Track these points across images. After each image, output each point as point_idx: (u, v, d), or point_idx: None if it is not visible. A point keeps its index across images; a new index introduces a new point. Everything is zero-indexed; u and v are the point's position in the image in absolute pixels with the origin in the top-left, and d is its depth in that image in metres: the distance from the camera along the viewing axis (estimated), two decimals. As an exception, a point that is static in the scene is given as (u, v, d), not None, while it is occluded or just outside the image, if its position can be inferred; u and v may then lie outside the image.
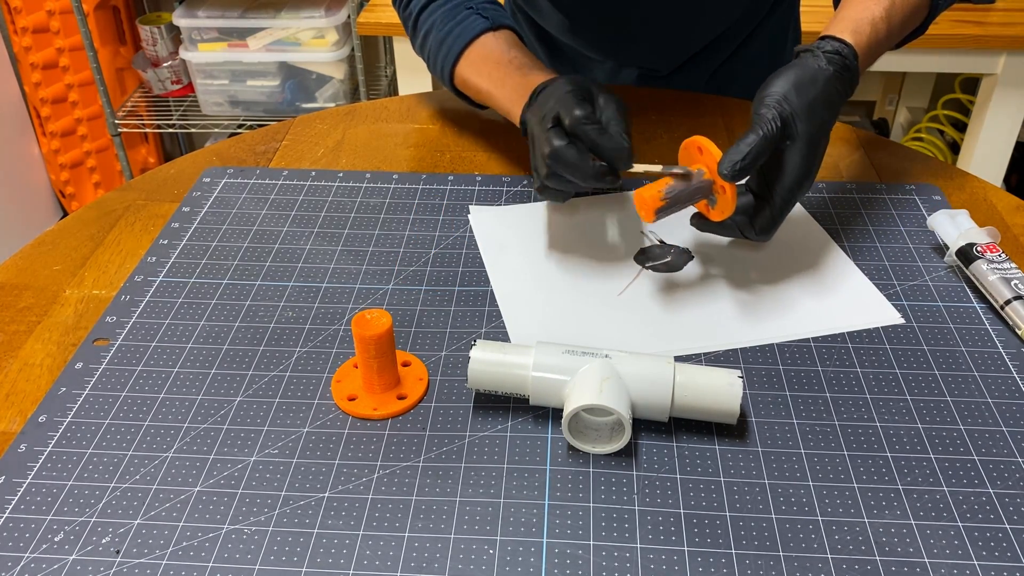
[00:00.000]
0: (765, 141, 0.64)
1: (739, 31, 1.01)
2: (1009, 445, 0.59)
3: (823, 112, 0.67)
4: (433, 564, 0.51)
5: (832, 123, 0.69)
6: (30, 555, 0.52)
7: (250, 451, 0.58)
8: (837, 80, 0.69)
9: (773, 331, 0.67)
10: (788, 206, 0.68)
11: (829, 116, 0.68)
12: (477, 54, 0.85)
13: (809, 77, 0.67)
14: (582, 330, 0.68)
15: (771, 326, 0.68)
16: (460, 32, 0.86)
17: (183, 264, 0.75)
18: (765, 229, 0.68)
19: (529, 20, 1.07)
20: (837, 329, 0.68)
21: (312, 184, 0.86)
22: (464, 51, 0.86)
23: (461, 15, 0.87)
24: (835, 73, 0.68)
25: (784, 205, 0.67)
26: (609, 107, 0.70)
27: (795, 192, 0.67)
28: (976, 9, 1.86)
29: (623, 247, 0.76)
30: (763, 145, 0.64)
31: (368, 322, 0.60)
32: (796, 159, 0.66)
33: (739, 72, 1.04)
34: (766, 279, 0.73)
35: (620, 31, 0.98)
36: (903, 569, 0.51)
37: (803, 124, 0.66)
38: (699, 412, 0.59)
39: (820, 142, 0.67)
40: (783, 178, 0.67)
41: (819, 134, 0.67)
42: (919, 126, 2.28)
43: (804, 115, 0.66)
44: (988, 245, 0.71)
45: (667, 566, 0.51)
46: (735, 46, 1.03)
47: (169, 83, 2.25)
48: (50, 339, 0.68)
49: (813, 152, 0.67)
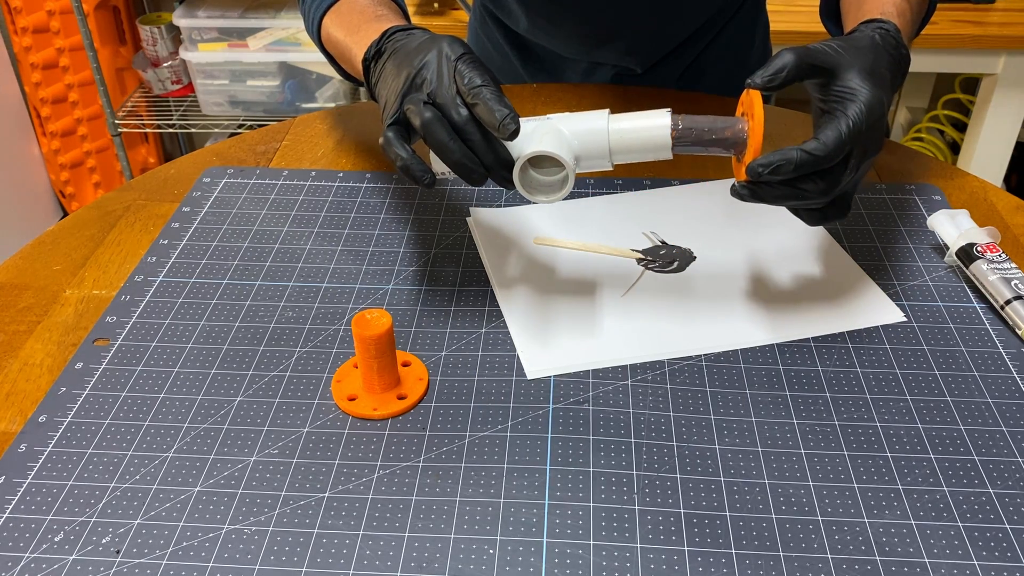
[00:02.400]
0: (799, 58, 0.60)
1: (711, 27, 1.02)
2: (1009, 445, 0.59)
3: (877, 60, 0.63)
4: (433, 564, 0.51)
5: (890, 82, 0.64)
6: (30, 555, 0.52)
7: (250, 451, 0.58)
8: (884, 44, 0.65)
9: (776, 331, 0.67)
10: (859, 127, 0.60)
11: (885, 68, 0.64)
12: (346, 7, 0.78)
13: (853, 39, 0.65)
14: (585, 331, 0.68)
15: (774, 326, 0.68)
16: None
17: (183, 264, 0.75)
18: (829, 143, 0.59)
19: (498, 23, 1.07)
20: (840, 328, 0.68)
21: (312, 184, 0.86)
22: (331, 7, 0.79)
23: None
24: (881, 39, 0.66)
25: (857, 121, 0.59)
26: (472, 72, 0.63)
27: (868, 116, 0.60)
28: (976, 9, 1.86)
29: (625, 248, 0.76)
30: (798, 62, 0.60)
31: (368, 322, 0.60)
32: (857, 81, 0.61)
33: (708, 69, 1.05)
34: (768, 279, 0.73)
35: (597, 30, 0.98)
36: (903, 569, 0.51)
37: (856, 58, 0.62)
38: (636, 152, 0.63)
39: (883, 76, 0.63)
40: (854, 96, 0.61)
41: (878, 71, 0.63)
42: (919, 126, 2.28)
43: (855, 54, 0.62)
44: (988, 245, 0.71)
45: (667, 566, 0.51)
46: (706, 43, 1.03)
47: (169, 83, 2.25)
48: (50, 339, 0.68)
49: (875, 79, 0.62)
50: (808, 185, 0.60)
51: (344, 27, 0.77)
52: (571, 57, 1.04)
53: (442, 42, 0.64)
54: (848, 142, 0.59)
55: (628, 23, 0.97)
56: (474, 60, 0.63)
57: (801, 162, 0.58)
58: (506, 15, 1.03)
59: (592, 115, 0.63)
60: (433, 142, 0.61)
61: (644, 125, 0.62)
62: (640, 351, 0.66)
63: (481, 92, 0.60)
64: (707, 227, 0.79)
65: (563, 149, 0.62)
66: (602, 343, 0.66)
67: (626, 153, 0.63)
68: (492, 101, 0.60)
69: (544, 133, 0.62)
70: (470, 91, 0.60)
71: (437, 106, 0.62)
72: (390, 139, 0.63)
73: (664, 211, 0.81)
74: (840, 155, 0.59)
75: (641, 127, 0.63)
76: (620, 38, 0.98)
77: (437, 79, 0.62)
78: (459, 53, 0.63)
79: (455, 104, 0.61)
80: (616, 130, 0.62)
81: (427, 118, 0.61)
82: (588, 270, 0.74)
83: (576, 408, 0.61)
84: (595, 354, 0.65)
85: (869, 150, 0.61)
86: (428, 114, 0.61)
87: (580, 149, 0.63)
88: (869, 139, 0.60)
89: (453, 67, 0.62)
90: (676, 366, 0.65)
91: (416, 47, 0.66)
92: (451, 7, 1.92)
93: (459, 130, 0.61)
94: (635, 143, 0.63)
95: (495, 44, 1.09)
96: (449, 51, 0.63)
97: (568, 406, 0.61)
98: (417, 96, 0.63)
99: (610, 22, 0.97)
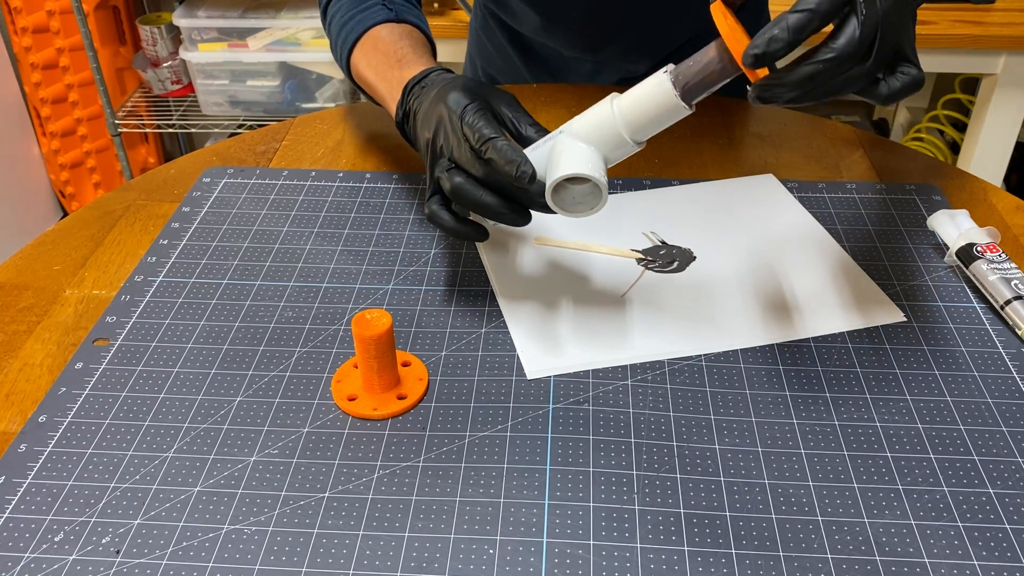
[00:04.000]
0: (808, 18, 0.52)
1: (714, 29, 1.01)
2: (1009, 445, 0.58)
3: None
4: (433, 564, 0.51)
5: None
6: (30, 555, 0.52)
7: (250, 451, 0.58)
8: None
9: (776, 331, 0.67)
10: (873, 25, 0.51)
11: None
12: (370, 44, 0.82)
13: None
14: (585, 331, 0.68)
15: (774, 326, 0.68)
16: (360, 20, 0.84)
17: (183, 264, 0.75)
18: (847, 46, 0.51)
19: (501, 24, 1.06)
20: (840, 328, 0.68)
21: (312, 184, 0.86)
22: (359, 40, 0.83)
23: (367, 4, 0.85)
24: None
25: (870, 19, 0.51)
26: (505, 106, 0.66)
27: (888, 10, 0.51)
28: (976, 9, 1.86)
29: (626, 248, 0.76)
30: (803, 24, 0.52)
31: (368, 322, 0.60)
32: None
33: None
34: (768, 279, 0.73)
35: (602, 30, 0.98)
36: (903, 569, 0.51)
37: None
38: (655, 123, 0.60)
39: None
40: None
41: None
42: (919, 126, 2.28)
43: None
44: (988, 245, 0.71)
45: (667, 566, 0.51)
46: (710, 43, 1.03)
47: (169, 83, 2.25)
48: (50, 339, 0.68)
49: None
50: (823, 51, 0.52)
51: (372, 70, 0.81)
52: (575, 57, 1.04)
53: (446, 97, 0.66)
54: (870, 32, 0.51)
55: (633, 22, 0.97)
56: (477, 109, 0.64)
57: (795, 24, 0.51)
58: (510, 16, 1.03)
59: (597, 108, 0.62)
60: (467, 205, 0.64)
61: (646, 93, 0.60)
62: (640, 351, 0.66)
63: (490, 146, 0.62)
64: (707, 227, 0.79)
65: (584, 163, 0.60)
66: (602, 343, 0.66)
67: (645, 127, 0.60)
68: (503, 153, 0.61)
69: (560, 152, 0.61)
70: (480, 147, 0.62)
71: (460, 167, 0.64)
72: (435, 212, 0.66)
73: (664, 211, 0.81)
74: (843, 4, 0.51)
75: (643, 94, 0.60)
76: (625, 38, 0.98)
77: (451, 141, 0.65)
78: (462, 106, 0.65)
79: (473, 163, 0.63)
80: (622, 111, 0.60)
81: (455, 183, 0.64)
82: (588, 270, 0.74)
83: (576, 408, 0.61)
84: (595, 354, 0.65)
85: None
86: (456, 179, 0.64)
87: (601, 147, 0.61)
88: None
89: (460, 123, 0.64)
90: (676, 366, 0.65)
91: (428, 109, 0.68)
92: (451, 7, 1.92)
93: (486, 184, 0.63)
94: (647, 116, 0.60)
95: (497, 45, 1.09)
96: (454, 106, 0.65)
97: (568, 406, 0.61)
98: (442, 164, 0.65)
99: (615, 21, 0.97)
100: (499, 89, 0.68)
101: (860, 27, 0.51)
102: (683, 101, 0.59)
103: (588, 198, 0.62)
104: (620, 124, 0.60)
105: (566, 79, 1.07)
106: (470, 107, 0.64)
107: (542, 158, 0.62)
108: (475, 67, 1.14)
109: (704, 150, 0.92)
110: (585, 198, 0.62)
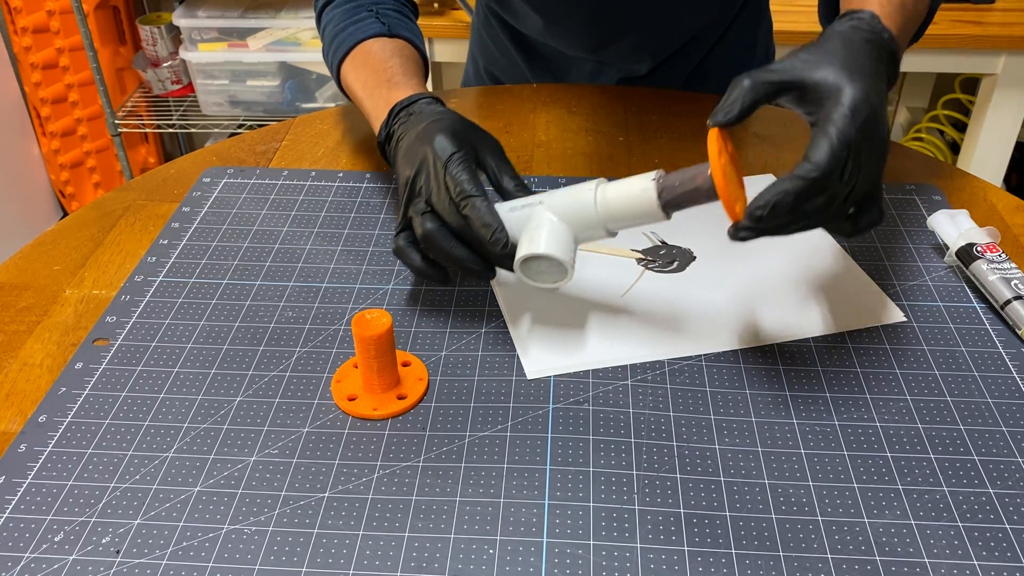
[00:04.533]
0: (755, 82, 0.58)
1: (715, 28, 1.02)
2: (1009, 445, 0.59)
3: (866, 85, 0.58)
4: (433, 564, 0.51)
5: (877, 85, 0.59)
6: (30, 555, 0.52)
7: (250, 451, 0.58)
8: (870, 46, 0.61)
9: (776, 331, 0.67)
10: (845, 136, 0.55)
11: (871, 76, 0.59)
12: (361, 58, 0.83)
13: (820, 40, 0.61)
14: (585, 331, 0.68)
15: (774, 326, 0.68)
16: (352, 32, 0.84)
17: (183, 264, 0.75)
18: (821, 161, 0.55)
19: (503, 24, 1.06)
20: (840, 328, 0.68)
21: (312, 184, 0.86)
22: (350, 52, 0.84)
23: (360, 16, 0.86)
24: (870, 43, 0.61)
25: (844, 125, 0.55)
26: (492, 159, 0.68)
27: (854, 117, 0.55)
28: (976, 9, 1.86)
29: (625, 248, 0.76)
30: (754, 86, 0.58)
31: (368, 322, 0.60)
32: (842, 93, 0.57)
33: (713, 70, 1.05)
34: (768, 279, 0.73)
35: (606, 30, 0.98)
36: (903, 569, 0.51)
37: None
38: (630, 219, 0.62)
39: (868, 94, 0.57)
40: (836, 103, 0.56)
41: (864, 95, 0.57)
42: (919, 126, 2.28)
43: None
44: (988, 245, 0.71)
45: (667, 566, 0.51)
46: (712, 43, 1.03)
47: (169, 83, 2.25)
48: (50, 339, 0.68)
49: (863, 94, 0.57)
50: (809, 206, 0.56)
51: (361, 84, 0.81)
52: (577, 57, 1.04)
53: (433, 139, 0.67)
54: (841, 149, 0.55)
55: (635, 24, 0.97)
56: (461, 160, 0.65)
57: (799, 190, 0.54)
58: (512, 16, 1.03)
59: (580, 191, 0.62)
60: (436, 252, 0.65)
61: (631, 194, 0.61)
62: (640, 351, 0.66)
63: (469, 203, 0.63)
64: (707, 227, 0.79)
65: (558, 244, 0.61)
66: (602, 343, 0.66)
67: (621, 222, 0.62)
68: (480, 215, 0.62)
69: (537, 227, 0.62)
70: (459, 201, 0.63)
71: (436, 213, 0.65)
72: (402, 248, 0.67)
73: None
74: (839, 166, 0.55)
75: (627, 194, 0.61)
76: (628, 37, 0.98)
77: (432, 185, 0.65)
78: (448, 154, 0.65)
79: (450, 213, 0.64)
80: (604, 202, 0.62)
81: (427, 229, 0.64)
82: (588, 270, 0.74)
83: (576, 408, 0.61)
84: (595, 354, 0.65)
85: (872, 148, 0.57)
86: (428, 225, 0.64)
87: (575, 228, 0.63)
88: (866, 138, 0.56)
89: (443, 171, 0.65)
90: (676, 366, 0.65)
91: (412, 144, 0.69)
92: (451, 7, 1.92)
93: (458, 235, 0.64)
94: (626, 213, 0.61)
95: (499, 45, 1.09)
96: (440, 152, 0.66)
97: (568, 406, 0.61)
98: (419, 205, 0.66)
99: (618, 21, 0.97)
100: (485, 134, 0.69)
101: (855, 193, 0.57)
102: (663, 211, 0.60)
103: (554, 272, 0.63)
104: (600, 213, 0.62)
105: (568, 78, 1.07)
106: (455, 156, 0.65)
107: (518, 223, 0.63)
108: (477, 66, 1.14)
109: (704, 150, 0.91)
110: (551, 270, 0.63)
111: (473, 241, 0.64)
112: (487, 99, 1.03)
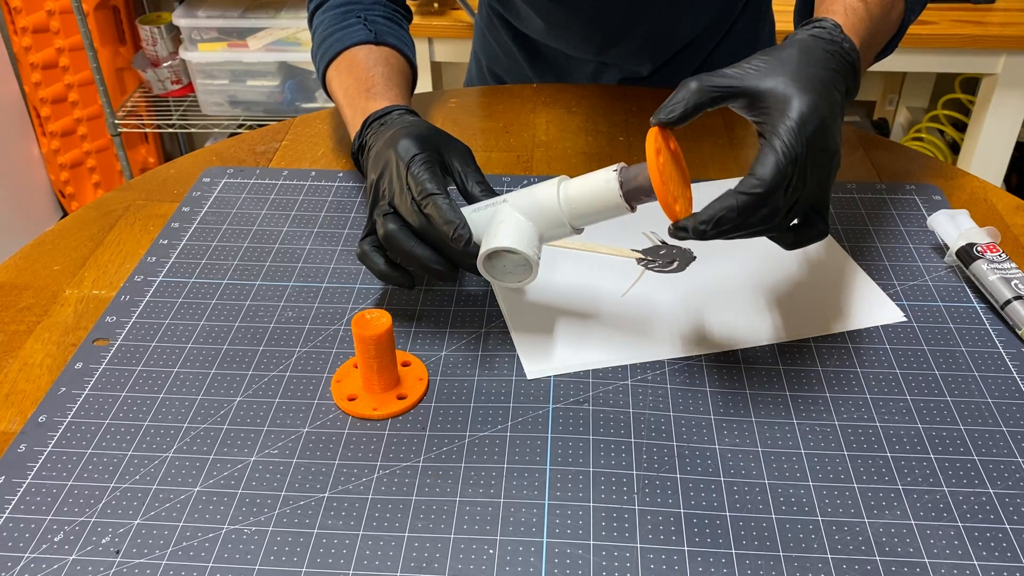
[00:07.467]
0: (702, 85, 0.58)
1: (717, 29, 1.02)
2: (1009, 445, 0.58)
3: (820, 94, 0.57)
4: (433, 564, 0.51)
5: (831, 88, 0.58)
6: (30, 555, 0.52)
7: (250, 451, 0.58)
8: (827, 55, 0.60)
9: (776, 331, 0.67)
10: (792, 150, 0.55)
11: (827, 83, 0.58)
12: (345, 65, 0.83)
13: (778, 47, 0.60)
14: (585, 331, 0.68)
15: (774, 326, 0.68)
16: (339, 39, 0.85)
17: (183, 264, 0.75)
18: (766, 176, 0.54)
19: (506, 24, 1.06)
20: (840, 328, 0.68)
21: (312, 184, 0.86)
22: (335, 58, 0.84)
23: (349, 21, 0.86)
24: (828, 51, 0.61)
25: (790, 139, 0.55)
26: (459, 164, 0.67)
27: (800, 131, 0.55)
28: (976, 9, 1.86)
29: (626, 248, 0.76)
30: (699, 88, 0.58)
31: (368, 322, 0.60)
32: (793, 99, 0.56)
33: (715, 70, 1.04)
34: (767, 279, 0.73)
35: (608, 31, 0.98)
36: (903, 569, 0.51)
37: None
38: (594, 214, 0.61)
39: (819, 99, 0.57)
40: (784, 115, 0.55)
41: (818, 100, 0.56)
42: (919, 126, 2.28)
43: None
44: (988, 245, 0.71)
45: (667, 566, 0.51)
46: (714, 43, 1.03)
47: (169, 83, 2.25)
48: (50, 339, 0.68)
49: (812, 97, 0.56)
50: (752, 218, 0.55)
51: (343, 92, 0.82)
52: (579, 58, 1.04)
53: (397, 143, 0.67)
54: (788, 164, 0.54)
55: (637, 26, 0.97)
56: (424, 161, 0.65)
57: (744, 205, 0.54)
58: (515, 17, 1.03)
59: (543, 188, 0.62)
60: (398, 252, 0.65)
61: (593, 187, 0.60)
62: (640, 351, 0.66)
63: (430, 202, 0.62)
64: (707, 227, 0.79)
65: (521, 238, 0.61)
66: (602, 343, 0.66)
67: (585, 217, 0.62)
68: (441, 212, 0.62)
69: (500, 223, 0.62)
70: (421, 200, 0.63)
71: (398, 214, 0.64)
72: (366, 252, 0.67)
73: (664, 211, 0.81)
74: (784, 181, 0.55)
75: (590, 187, 0.61)
76: (629, 39, 0.98)
77: (395, 187, 0.65)
78: (410, 156, 0.65)
79: (412, 212, 0.64)
80: (567, 197, 0.61)
81: (389, 229, 0.64)
82: (588, 270, 0.74)
83: (576, 408, 0.61)
84: (595, 354, 0.65)
85: (819, 162, 0.56)
86: (390, 225, 0.64)
87: (539, 225, 0.62)
88: (813, 151, 0.55)
89: (406, 172, 0.65)
90: (676, 366, 0.65)
91: (379, 150, 0.69)
92: (451, 7, 1.92)
93: (420, 235, 0.64)
94: (590, 207, 0.61)
95: (502, 45, 1.09)
96: (403, 154, 0.66)
97: (568, 406, 0.61)
98: (382, 207, 0.66)
99: (619, 24, 0.97)
100: (454, 140, 0.69)
101: (799, 206, 0.57)
102: (626, 202, 0.60)
103: (518, 270, 0.63)
104: (563, 208, 0.62)
105: (570, 79, 1.07)
106: (418, 158, 0.65)
107: (482, 221, 0.63)
108: (480, 66, 1.15)
109: (704, 150, 0.92)
110: (516, 269, 0.63)
111: (436, 241, 0.63)
112: (487, 99, 1.03)
